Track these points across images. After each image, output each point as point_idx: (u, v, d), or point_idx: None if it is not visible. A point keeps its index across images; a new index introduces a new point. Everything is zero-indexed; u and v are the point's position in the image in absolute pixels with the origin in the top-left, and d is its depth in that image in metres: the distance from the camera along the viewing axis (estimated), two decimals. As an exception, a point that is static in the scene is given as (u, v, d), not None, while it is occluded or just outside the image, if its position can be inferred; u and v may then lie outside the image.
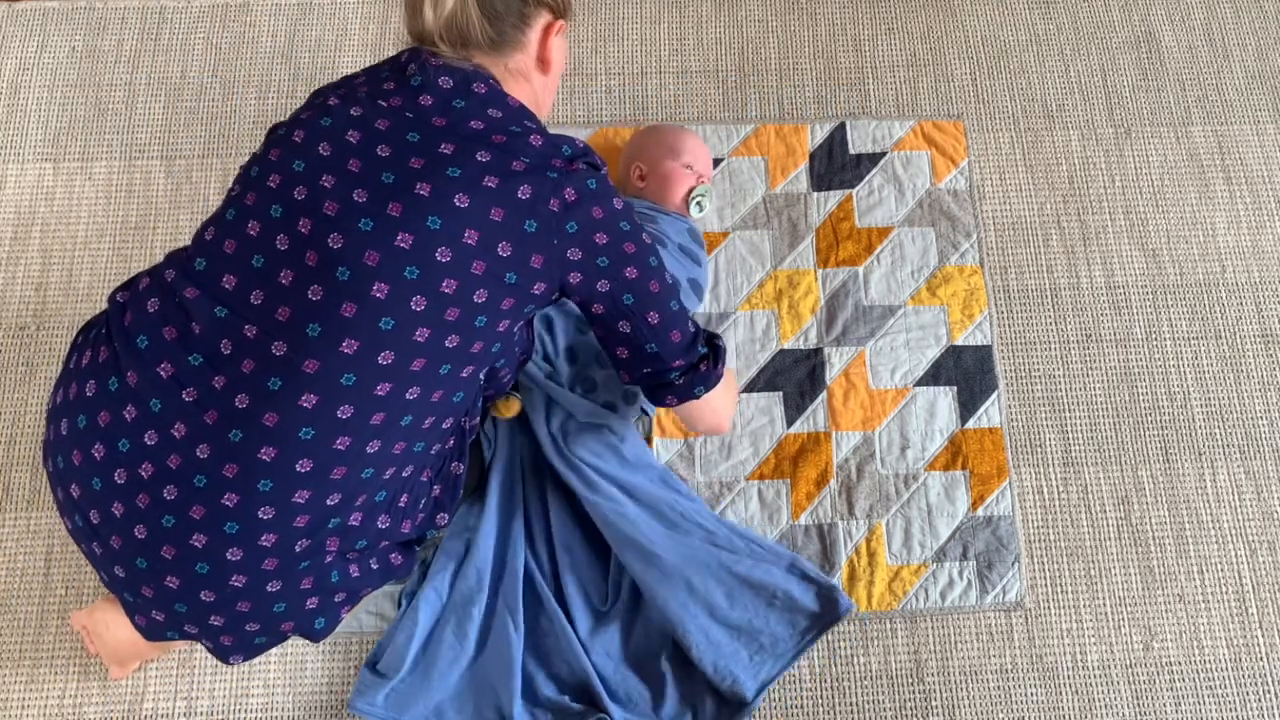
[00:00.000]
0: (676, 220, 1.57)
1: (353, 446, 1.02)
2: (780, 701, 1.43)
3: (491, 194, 1.01)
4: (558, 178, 1.04)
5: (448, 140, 1.02)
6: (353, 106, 1.05)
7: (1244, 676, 1.46)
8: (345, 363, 0.99)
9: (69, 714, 1.40)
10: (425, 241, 0.99)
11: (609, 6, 1.85)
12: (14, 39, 1.80)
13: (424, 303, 1.00)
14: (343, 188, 1.00)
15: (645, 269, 1.13)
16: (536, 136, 1.06)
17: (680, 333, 1.20)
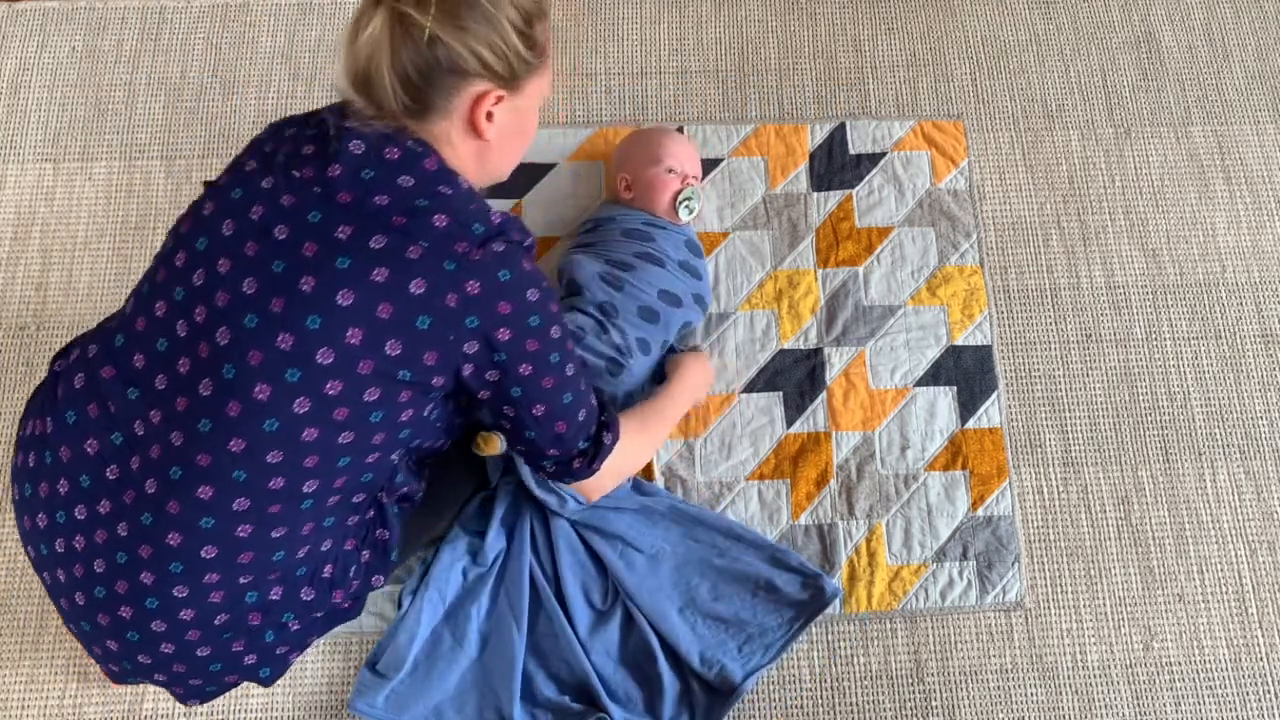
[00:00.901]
0: (674, 233, 1.57)
1: (255, 533, 1.02)
2: (780, 701, 1.43)
3: (379, 289, 0.95)
4: (456, 270, 0.97)
5: (347, 221, 0.96)
6: (266, 176, 1.00)
7: (1244, 676, 1.46)
8: (235, 460, 0.98)
9: (69, 714, 1.40)
10: (305, 342, 0.95)
11: (609, 6, 1.85)
12: (14, 39, 1.80)
13: (308, 405, 0.96)
14: (235, 275, 0.97)
15: (543, 365, 1.07)
16: (442, 216, 0.97)
17: (566, 424, 1.14)
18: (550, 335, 1.06)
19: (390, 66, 0.95)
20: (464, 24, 0.96)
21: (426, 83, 0.97)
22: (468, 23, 0.96)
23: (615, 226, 1.56)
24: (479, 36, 0.97)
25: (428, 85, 0.97)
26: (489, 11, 0.97)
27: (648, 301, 1.49)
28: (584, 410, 1.15)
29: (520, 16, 1.00)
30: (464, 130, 1.02)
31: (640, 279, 1.50)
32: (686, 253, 1.57)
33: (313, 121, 1.04)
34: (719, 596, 1.43)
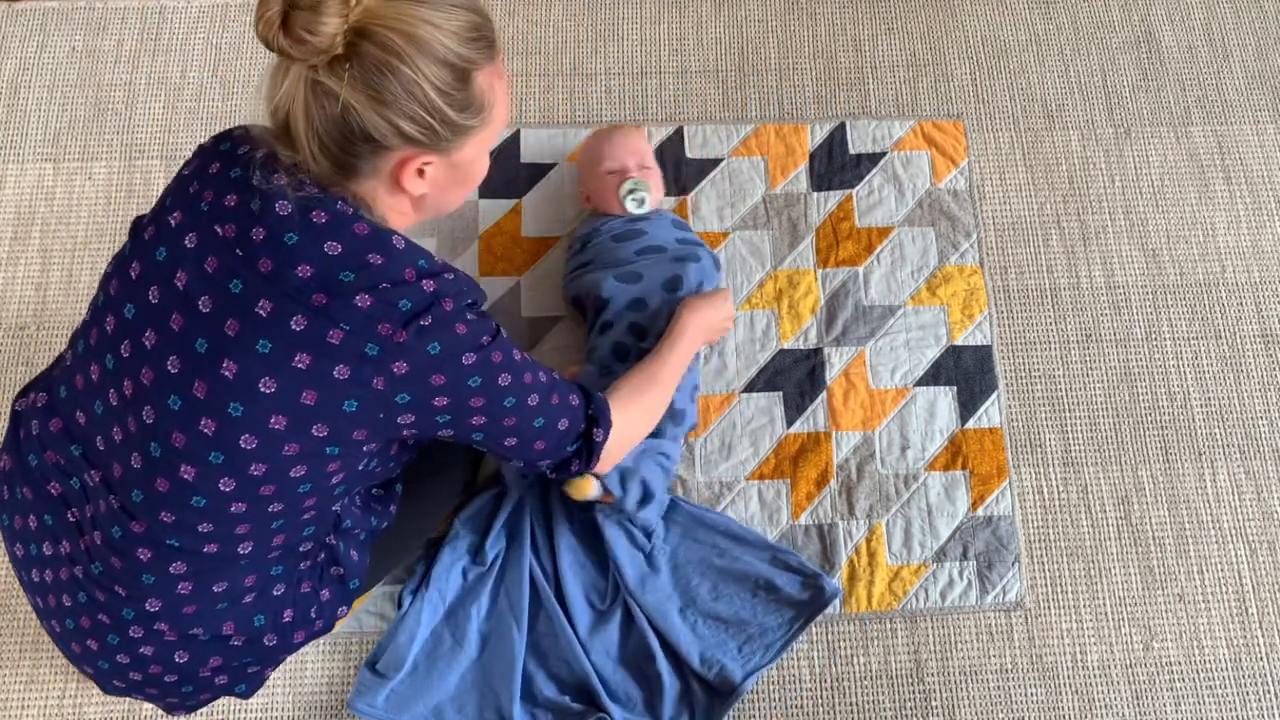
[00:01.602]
0: (657, 223, 1.56)
1: (197, 588, 1.02)
2: (780, 701, 1.43)
3: (301, 376, 0.91)
4: (379, 354, 0.91)
5: (268, 295, 0.90)
6: (189, 232, 0.94)
7: (1244, 676, 1.46)
8: (167, 529, 0.97)
9: (69, 714, 1.40)
10: (228, 428, 0.92)
11: (609, 6, 1.85)
12: (14, 39, 1.80)
13: (233, 484, 0.95)
14: (160, 352, 0.93)
15: (497, 411, 1.02)
16: (365, 296, 0.90)
17: (545, 441, 1.10)
18: (497, 385, 1.00)
19: (306, 130, 0.88)
20: (380, 95, 0.87)
21: (345, 150, 0.90)
22: (384, 92, 0.87)
23: (603, 236, 1.56)
24: (397, 108, 0.88)
25: (346, 153, 0.90)
26: (409, 78, 0.87)
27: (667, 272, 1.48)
28: (563, 420, 1.11)
29: (451, 76, 0.90)
30: (391, 189, 0.96)
31: (652, 265, 1.50)
32: (677, 230, 1.57)
33: (241, 157, 0.96)
34: (719, 596, 1.43)
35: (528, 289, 1.64)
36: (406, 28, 0.86)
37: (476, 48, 0.91)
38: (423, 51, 0.87)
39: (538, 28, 1.83)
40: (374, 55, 0.85)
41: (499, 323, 1.03)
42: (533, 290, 1.63)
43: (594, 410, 1.16)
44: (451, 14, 0.89)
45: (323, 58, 0.84)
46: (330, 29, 0.83)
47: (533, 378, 1.05)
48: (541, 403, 1.07)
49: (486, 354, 0.98)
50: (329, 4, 0.83)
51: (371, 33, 0.85)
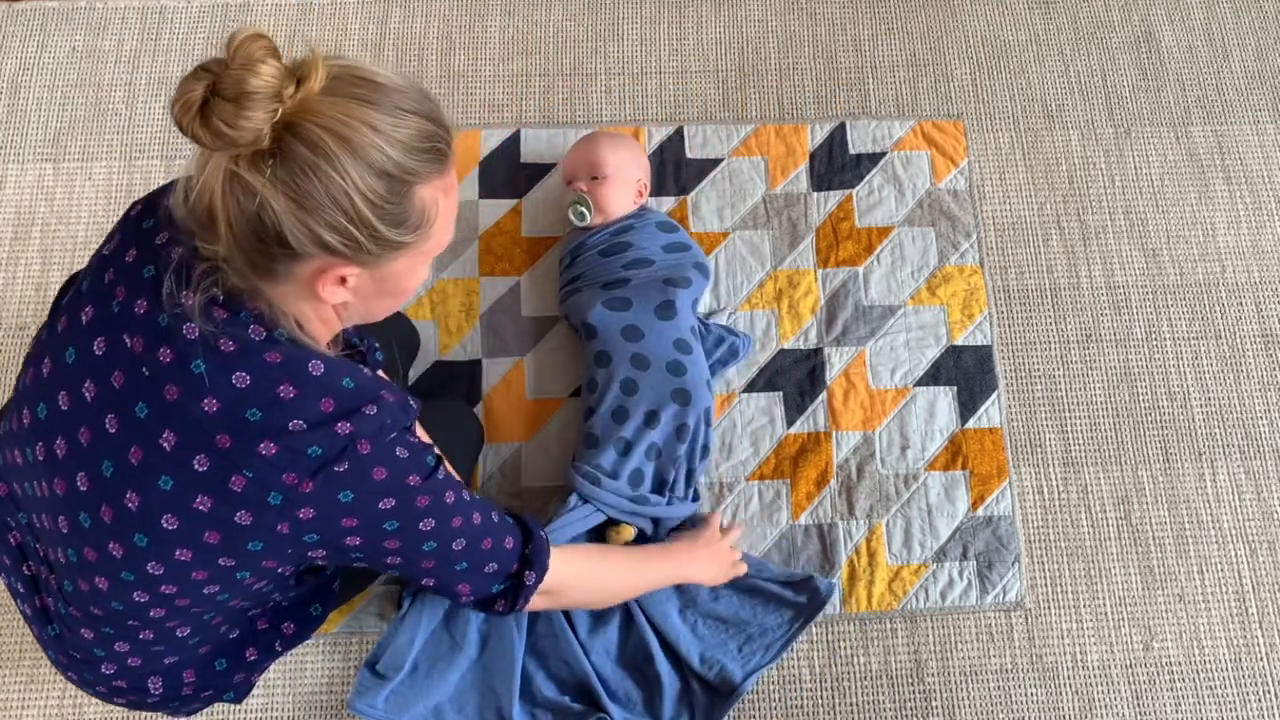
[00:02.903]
0: (641, 227, 1.56)
1: (146, 660, 1.03)
2: (780, 701, 1.43)
3: (204, 518, 0.86)
4: (283, 504, 0.85)
5: (172, 426, 0.85)
6: (98, 336, 0.89)
7: (1244, 676, 1.46)
8: (99, 620, 0.97)
9: (69, 714, 1.40)
10: (134, 554, 0.89)
11: (609, 6, 1.85)
12: (14, 39, 1.80)
13: (147, 596, 0.93)
14: (71, 464, 0.90)
15: (414, 554, 0.96)
16: (270, 444, 0.84)
17: (470, 585, 1.04)
18: (417, 531, 0.93)
19: (225, 222, 0.79)
20: (302, 198, 0.77)
21: (260, 252, 0.81)
22: (306, 196, 0.77)
23: (590, 251, 1.56)
24: (319, 215, 0.78)
25: (262, 255, 0.81)
26: (336, 186, 0.78)
27: (657, 299, 1.49)
28: (490, 565, 1.03)
29: (386, 189, 0.80)
30: (310, 296, 0.86)
31: (640, 287, 1.50)
32: (664, 235, 1.57)
33: (159, 251, 0.89)
34: (718, 597, 1.43)
35: (528, 289, 1.64)
36: (342, 129, 0.77)
37: (423, 159, 0.82)
38: (356, 157, 0.78)
39: (538, 28, 1.83)
40: (301, 155, 0.76)
41: (441, 458, 0.97)
42: (533, 290, 1.63)
43: (530, 552, 1.07)
44: (400, 119, 0.80)
45: (245, 150, 0.76)
46: (254, 124, 0.74)
47: (462, 522, 0.97)
48: (468, 548, 0.99)
49: (409, 498, 0.91)
50: (255, 98, 0.73)
51: (302, 130, 0.76)
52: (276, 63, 0.75)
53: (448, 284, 1.63)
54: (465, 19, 1.83)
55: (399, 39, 1.81)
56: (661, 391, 1.44)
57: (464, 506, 0.98)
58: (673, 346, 1.47)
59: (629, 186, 1.59)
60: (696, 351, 1.49)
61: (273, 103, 0.75)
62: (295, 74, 0.76)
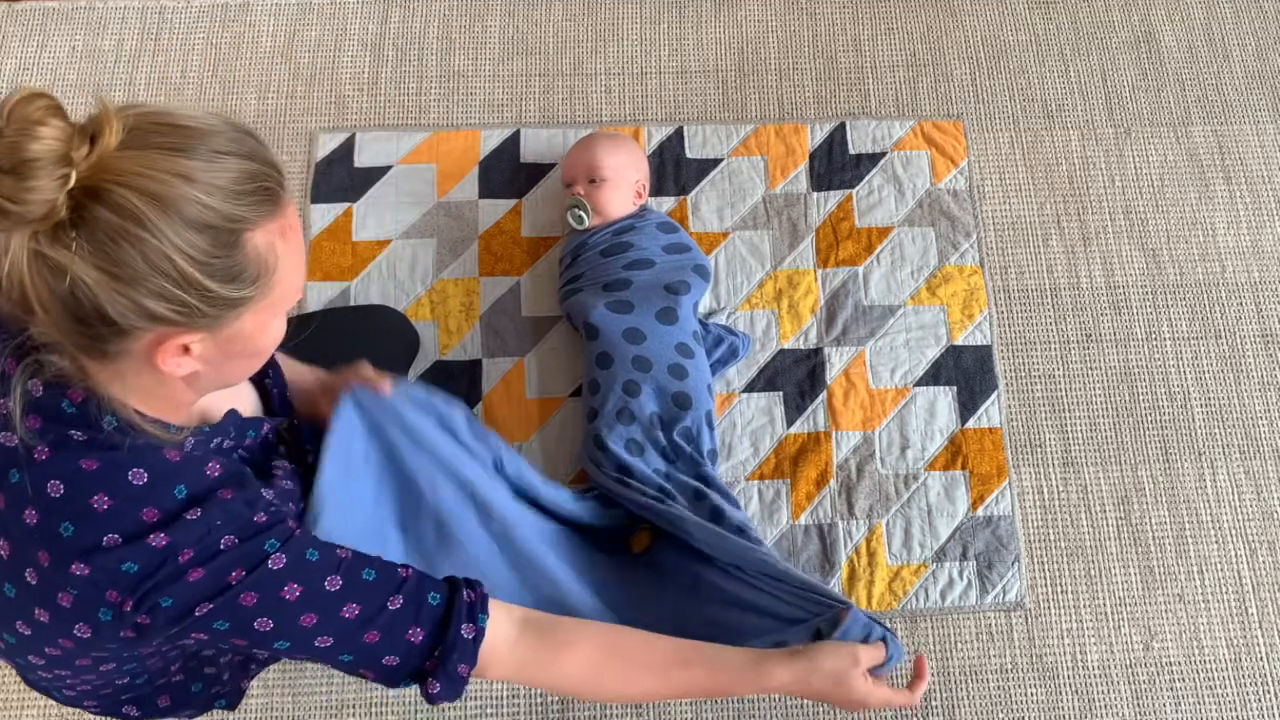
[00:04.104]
0: (642, 228, 1.56)
1: (95, 701, 1.02)
2: (780, 701, 1.42)
3: (48, 628, 0.81)
4: (112, 620, 0.79)
5: (5, 536, 0.80)
6: None
7: (1244, 676, 1.46)
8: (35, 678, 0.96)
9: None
10: (20, 646, 0.86)
11: (609, 6, 1.85)
12: (14, 39, 1.80)
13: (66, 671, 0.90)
14: None
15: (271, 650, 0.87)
16: (81, 566, 0.77)
17: (373, 673, 0.91)
18: (254, 629, 0.83)
19: (39, 305, 0.70)
20: (117, 269, 0.69)
21: (84, 334, 0.72)
22: (121, 267, 0.69)
23: (591, 251, 1.56)
24: (140, 286, 0.70)
25: (87, 336, 0.73)
26: (153, 248, 0.69)
27: (658, 304, 1.49)
28: (389, 657, 0.90)
29: (210, 243, 0.71)
30: (151, 369, 0.77)
31: (642, 290, 1.50)
32: (664, 236, 1.57)
33: None
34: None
35: (528, 289, 1.64)
36: (149, 185, 0.68)
37: (249, 203, 0.73)
38: (170, 214, 0.69)
39: (538, 28, 1.83)
40: (107, 221, 0.67)
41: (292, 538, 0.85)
42: (533, 290, 1.63)
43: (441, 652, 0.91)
44: (214, 163, 0.71)
45: (42, 225, 0.67)
46: (41, 195, 0.65)
47: (319, 618, 0.85)
48: (341, 643, 0.87)
49: (232, 597, 0.81)
50: (39, 165, 0.65)
51: (104, 193, 0.67)
52: (60, 122, 0.66)
53: (448, 284, 1.63)
54: (465, 19, 1.83)
55: (399, 39, 1.81)
56: (663, 395, 1.44)
57: (322, 601, 0.85)
58: (674, 350, 1.47)
59: (627, 188, 1.59)
60: (698, 355, 1.49)
61: (60, 168, 0.66)
62: (87, 131, 0.68)
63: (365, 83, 1.77)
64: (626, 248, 1.54)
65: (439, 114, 1.76)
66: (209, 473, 0.83)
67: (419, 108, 1.76)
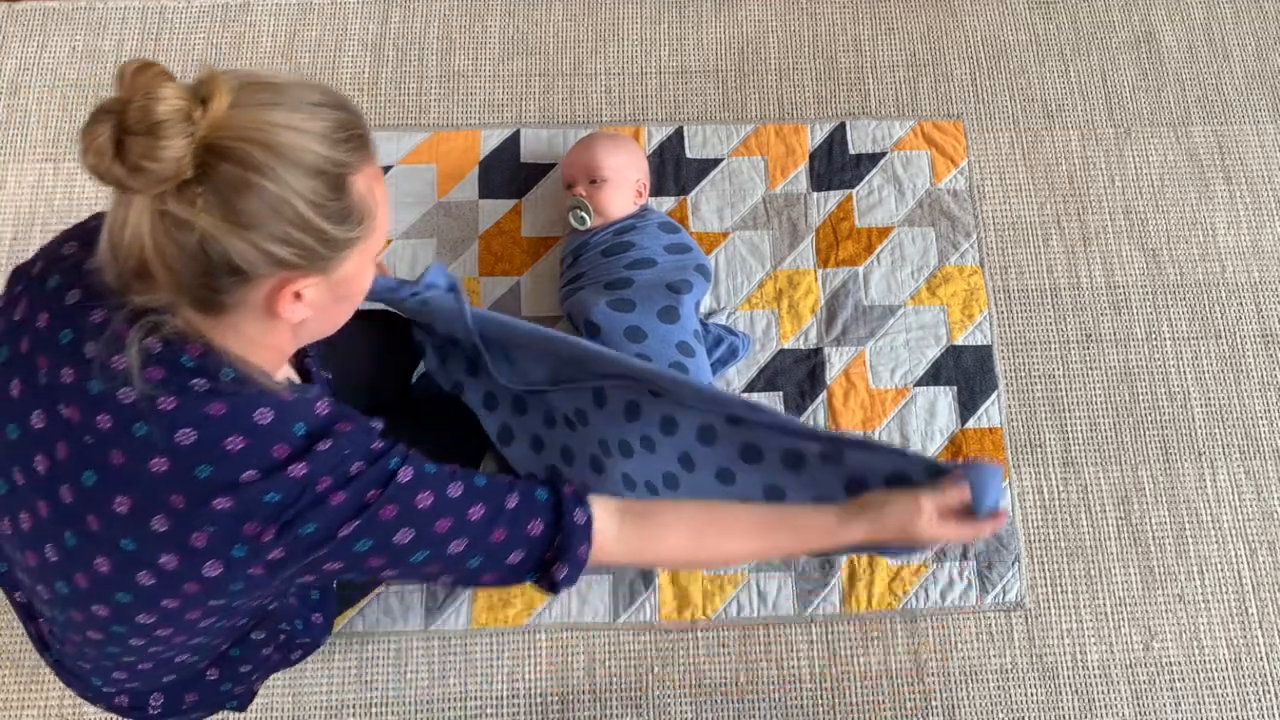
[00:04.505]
0: (644, 228, 1.56)
1: (147, 683, 1.04)
2: (780, 701, 1.43)
3: (174, 573, 0.84)
4: (247, 554, 0.83)
5: (123, 490, 0.82)
6: (34, 410, 0.85)
7: (1244, 676, 1.46)
8: (97, 658, 0.97)
9: (69, 714, 1.40)
10: (121, 610, 0.88)
11: (609, 6, 1.85)
12: (14, 39, 1.80)
13: (143, 640, 0.92)
14: (37, 537, 0.88)
15: (406, 567, 0.90)
16: (224, 500, 0.81)
17: (495, 574, 0.96)
18: (394, 544, 0.87)
19: (160, 267, 0.75)
20: (243, 218, 0.74)
21: (207, 287, 0.77)
22: (248, 216, 0.74)
23: (592, 250, 1.56)
24: (265, 231, 0.75)
25: (209, 289, 0.78)
26: (275, 196, 0.75)
27: (660, 303, 1.49)
28: (513, 554, 0.95)
29: (324, 187, 0.78)
30: (265, 318, 0.83)
31: (643, 289, 1.50)
32: (666, 236, 1.57)
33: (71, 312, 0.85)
34: None
35: (528, 289, 1.64)
36: (264, 136, 0.74)
37: (347, 149, 0.79)
38: (288, 162, 0.75)
39: (538, 28, 1.83)
40: (229, 174, 0.73)
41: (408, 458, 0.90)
42: (533, 290, 1.63)
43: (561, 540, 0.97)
44: (315, 114, 0.77)
45: (169, 185, 0.72)
46: (174, 152, 0.70)
47: (453, 522, 0.90)
48: (472, 545, 0.92)
49: (373, 514, 0.86)
50: (169, 125, 0.70)
51: (224, 149, 0.73)
52: (177, 86, 0.72)
53: (448, 284, 1.63)
54: (465, 19, 1.83)
55: (399, 39, 1.81)
56: None
57: (449, 506, 0.90)
58: (675, 349, 1.47)
59: (628, 188, 1.59)
60: (699, 355, 1.49)
61: (186, 126, 0.71)
62: (198, 95, 0.73)
63: (365, 83, 1.78)
64: (628, 247, 1.54)
65: (439, 114, 1.76)
66: (319, 411, 0.87)
67: (419, 108, 1.76)
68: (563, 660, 1.45)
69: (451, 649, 1.44)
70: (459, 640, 1.45)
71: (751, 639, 1.46)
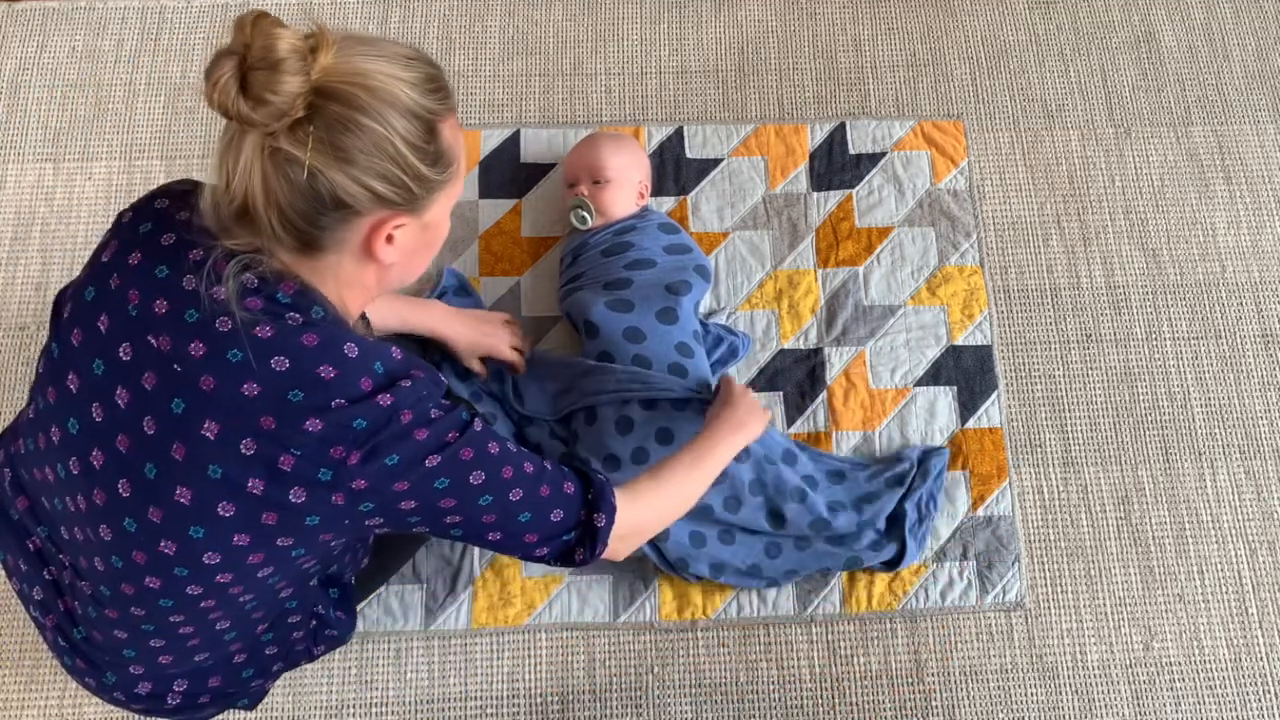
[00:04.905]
0: (644, 228, 1.57)
1: (179, 659, 1.03)
2: (780, 701, 1.43)
3: (258, 500, 0.87)
4: (332, 479, 0.86)
5: (212, 415, 0.85)
6: (123, 343, 0.88)
7: (1244, 676, 1.46)
8: (139, 620, 0.97)
9: (69, 714, 1.40)
10: (189, 548, 0.90)
11: (609, 6, 1.85)
12: (14, 39, 1.80)
13: (200, 589, 0.93)
14: (110, 473, 0.89)
15: (473, 510, 0.95)
16: (315, 421, 0.85)
17: (536, 534, 1.01)
18: (469, 485, 0.93)
19: (266, 206, 0.82)
20: (349, 154, 0.81)
21: (311, 223, 0.84)
22: (353, 152, 0.82)
23: (592, 250, 1.56)
24: (368, 167, 0.83)
25: (313, 225, 0.84)
26: (378, 134, 0.82)
27: (658, 304, 1.49)
28: (556, 511, 1.01)
29: (419, 130, 0.85)
30: (359, 258, 0.90)
31: (642, 290, 1.50)
32: (666, 237, 1.57)
33: (167, 250, 0.90)
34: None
35: (528, 289, 1.64)
36: (370, 81, 0.82)
37: (437, 98, 0.87)
38: (388, 104, 0.83)
39: (538, 28, 1.83)
40: (337, 113, 0.80)
41: (477, 413, 0.97)
42: (533, 290, 1.63)
43: (593, 495, 1.05)
44: (408, 66, 0.85)
45: (285, 121, 0.79)
46: (293, 88, 0.78)
47: (514, 471, 0.97)
48: (526, 496, 0.98)
49: (453, 453, 0.91)
50: (289, 62, 0.78)
51: (331, 90, 0.81)
52: (293, 31, 0.80)
53: (448, 284, 1.63)
54: (465, 19, 1.83)
55: (399, 39, 1.80)
56: None
57: (511, 457, 0.97)
58: (674, 349, 1.47)
59: (630, 189, 1.59)
60: (698, 355, 1.49)
61: (303, 64, 0.79)
62: (309, 43, 0.81)
63: (365, 83, 1.77)
64: (628, 248, 1.54)
65: (439, 114, 1.76)
66: (395, 355, 0.92)
67: (419, 108, 1.76)
68: (563, 660, 1.45)
69: (451, 649, 1.44)
70: (459, 640, 1.45)
71: (751, 639, 1.46)
